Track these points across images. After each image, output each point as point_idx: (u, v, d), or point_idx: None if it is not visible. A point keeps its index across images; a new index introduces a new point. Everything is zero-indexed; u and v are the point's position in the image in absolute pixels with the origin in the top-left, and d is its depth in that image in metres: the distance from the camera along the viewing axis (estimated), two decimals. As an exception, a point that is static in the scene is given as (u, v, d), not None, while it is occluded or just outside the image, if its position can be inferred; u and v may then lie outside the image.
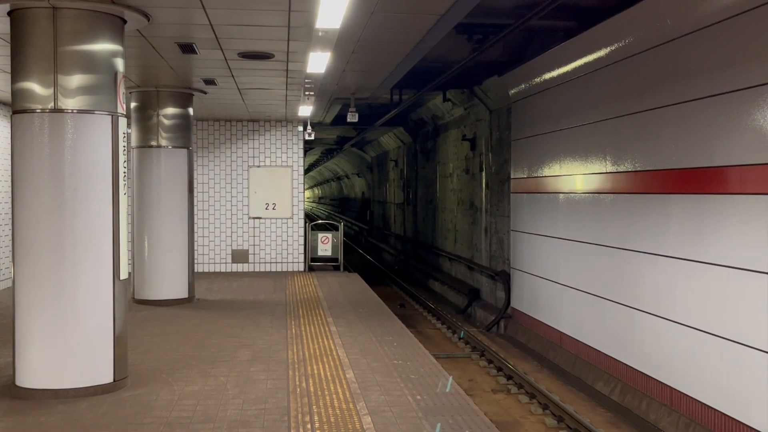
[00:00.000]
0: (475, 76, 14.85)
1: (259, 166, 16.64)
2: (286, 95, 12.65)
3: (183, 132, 11.88)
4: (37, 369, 6.60)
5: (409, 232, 25.63)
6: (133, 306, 11.33)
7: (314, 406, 6.36)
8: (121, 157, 6.83)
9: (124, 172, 6.91)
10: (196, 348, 8.65)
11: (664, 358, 8.80)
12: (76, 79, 6.58)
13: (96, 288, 6.69)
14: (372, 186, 36.29)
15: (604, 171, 10.38)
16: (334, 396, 6.67)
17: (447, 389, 6.94)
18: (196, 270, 14.07)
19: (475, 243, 17.07)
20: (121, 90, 6.90)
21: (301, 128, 16.81)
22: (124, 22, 7.03)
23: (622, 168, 9.87)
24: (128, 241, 7.59)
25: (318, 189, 72.77)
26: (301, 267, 16.69)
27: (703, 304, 8.02)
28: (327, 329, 9.76)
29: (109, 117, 6.75)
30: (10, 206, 6.90)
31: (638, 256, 9.40)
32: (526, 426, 9.10)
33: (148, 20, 7.24)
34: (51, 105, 6.52)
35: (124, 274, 6.92)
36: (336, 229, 17.63)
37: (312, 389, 6.89)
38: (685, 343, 8.36)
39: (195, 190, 14.17)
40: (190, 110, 12.10)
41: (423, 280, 22.15)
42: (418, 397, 6.64)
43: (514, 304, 14.12)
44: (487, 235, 16.04)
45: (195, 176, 14.62)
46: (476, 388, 10.71)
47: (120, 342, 6.89)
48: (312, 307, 11.59)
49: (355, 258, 28.54)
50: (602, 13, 10.00)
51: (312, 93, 12.40)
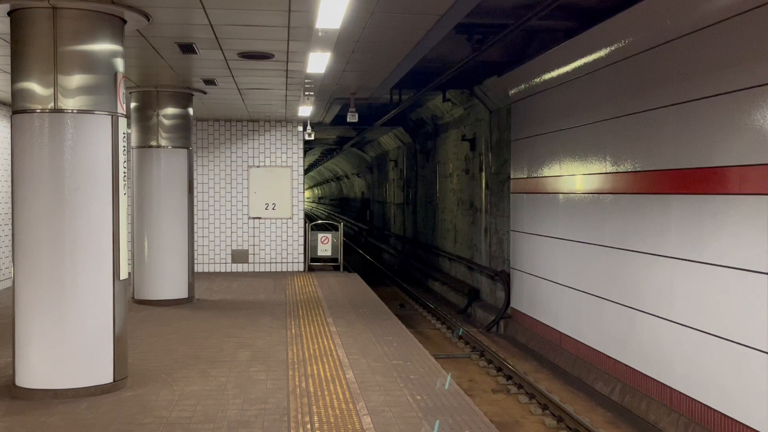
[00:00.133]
0: (475, 76, 14.85)
1: (258, 167, 16.64)
2: (286, 95, 12.66)
3: (183, 132, 11.88)
4: (37, 369, 6.60)
5: (409, 233, 25.63)
6: (133, 306, 11.33)
7: (314, 406, 6.36)
8: (121, 157, 6.83)
9: (124, 173, 6.91)
10: (196, 348, 8.66)
11: (663, 359, 8.80)
12: (76, 79, 6.58)
13: (96, 288, 6.70)
14: (372, 186, 36.29)
15: (604, 171, 10.39)
16: (334, 396, 6.67)
17: (446, 387, 6.95)
18: (195, 270, 14.07)
19: (475, 243, 17.08)
20: (121, 90, 6.90)
21: (300, 128, 16.82)
22: (124, 22, 7.03)
23: (621, 168, 9.88)
24: (128, 241, 7.59)
25: (318, 189, 72.78)
26: (301, 267, 16.70)
27: (703, 305, 8.03)
28: (327, 329, 9.76)
29: (109, 117, 6.75)
30: (10, 206, 6.91)
31: (638, 256, 9.40)
32: (525, 426, 9.10)
33: (148, 20, 7.25)
34: (51, 105, 6.53)
35: (124, 274, 6.92)
36: (336, 229, 17.63)
37: (312, 389, 6.89)
38: (684, 344, 8.36)
39: (195, 190, 14.18)
40: (190, 110, 12.11)
41: (423, 280, 22.15)
42: (418, 397, 6.64)
43: (513, 304, 14.13)
44: (487, 236, 16.04)
45: (195, 176, 14.64)
46: (476, 388, 10.71)
47: (120, 342, 6.90)
48: (312, 308, 11.60)
49: (354, 258, 28.54)
50: (602, 14, 10.00)
51: (312, 93, 12.40)
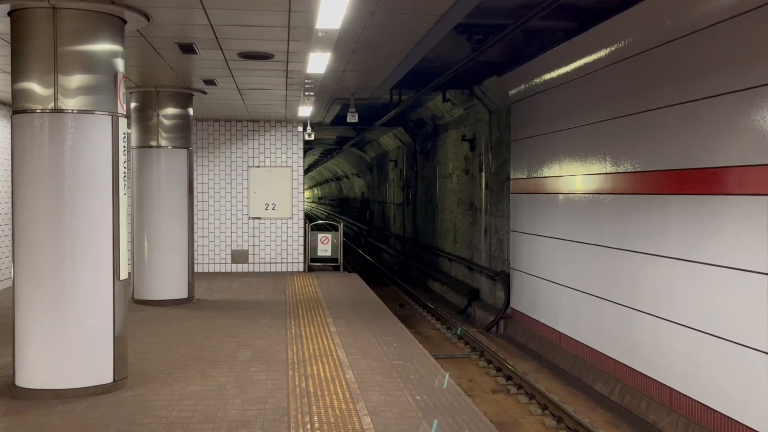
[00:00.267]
0: (475, 76, 14.85)
1: (258, 167, 16.64)
2: (286, 95, 12.66)
3: (183, 132, 11.88)
4: (37, 369, 6.60)
5: (409, 233, 25.63)
6: (133, 306, 11.34)
7: (314, 407, 6.36)
8: (121, 158, 6.84)
9: (124, 173, 6.91)
10: (195, 348, 8.66)
11: (663, 359, 8.81)
12: (76, 80, 6.59)
13: (96, 288, 6.70)
14: (371, 186, 36.29)
15: (604, 172, 10.39)
16: (334, 396, 6.67)
17: (444, 386, 6.95)
18: (195, 270, 14.07)
19: (475, 243, 17.08)
20: (121, 90, 6.91)
21: (300, 128, 16.82)
22: (124, 22, 7.04)
23: (621, 169, 9.88)
24: (128, 241, 7.59)
25: (318, 189, 72.77)
26: (301, 267, 16.70)
27: (703, 305, 8.03)
28: (327, 329, 9.77)
29: (109, 117, 6.76)
30: (10, 206, 6.92)
31: (637, 256, 9.40)
32: (525, 426, 9.11)
33: (148, 20, 7.25)
34: (51, 105, 6.53)
35: (124, 274, 6.92)
36: (336, 229, 17.63)
37: (312, 389, 6.89)
38: (684, 344, 8.36)
39: (195, 191, 14.18)
40: (190, 110, 12.11)
41: (422, 280, 22.15)
42: (418, 398, 6.64)
43: (513, 304, 14.13)
44: (487, 236, 16.04)
45: (195, 176, 14.65)
46: (476, 388, 10.72)
47: (120, 342, 6.90)
48: (312, 308, 11.60)
49: (354, 258, 28.54)
50: (602, 14, 10.01)
51: (312, 93, 12.40)
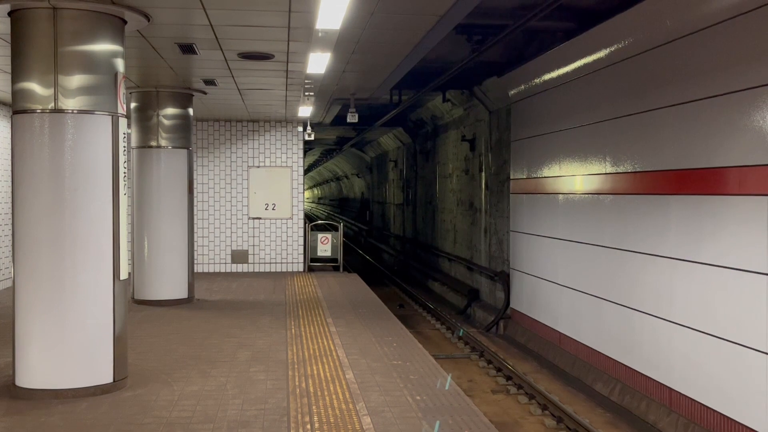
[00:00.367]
0: (475, 76, 14.86)
1: (258, 167, 16.64)
2: (286, 96, 12.66)
3: (183, 132, 11.88)
4: (37, 369, 6.60)
5: (409, 233, 25.64)
6: (133, 306, 11.34)
7: (314, 407, 6.36)
8: (122, 158, 6.84)
9: (125, 173, 6.91)
10: (195, 348, 8.66)
11: (663, 359, 8.81)
12: (76, 80, 6.59)
13: (96, 288, 6.70)
14: (371, 186, 36.29)
15: (604, 172, 10.40)
16: (334, 396, 6.67)
17: (446, 387, 6.95)
18: (195, 270, 14.06)
19: (475, 243, 17.08)
20: (122, 90, 6.91)
21: (300, 129, 16.82)
22: (125, 22, 7.04)
23: (621, 169, 9.89)
24: (128, 241, 7.59)
25: (317, 189, 72.77)
26: (301, 267, 16.70)
27: (702, 305, 8.03)
28: (326, 329, 9.77)
29: (110, 117, 6.76)
30: (10, 206, 6.92)
31: (637, 256, 9.41)
32: (525, 426, 9.11)
33: (148, 21, 7.25)
34: (51, 105, 6.53)
35: (124, 275, 6.92)
36: (336, 229, 17.63)
37: (312, 389, 6.90)
38: (684, 344, 8.37)
39: (195, 191, 14.17)
40: (190, 110, 12.11)
41: (422, 280, 22.15)
42: (418, 398, 6.64)
43: (513, 304, 14.13)
44: (487, 236, 16.05)
45: (195, 176, 14.64)
46: (476, 388, 10.72)
47: (120, 342, 6.90)
48: (312, 308, 11.60)
49: (354, 258, 28.54)
50: (602, 15, 10.01)
51: (312, 93, 12.40)
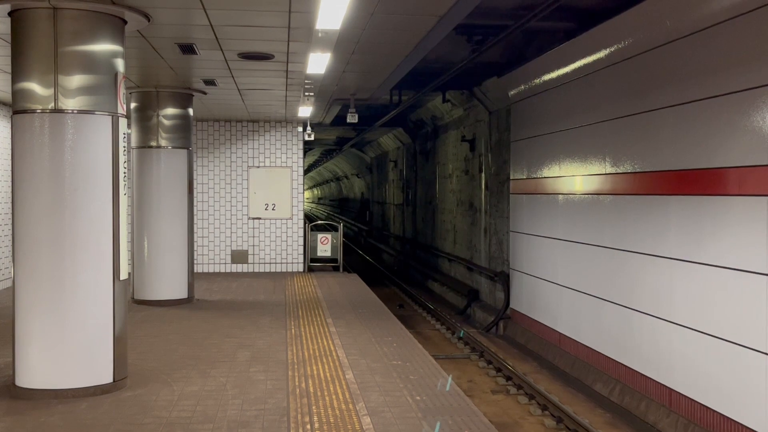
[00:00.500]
0: (475, 77, 14.86)
1: (258, 167, 16.64)
2: (286, 96, 12.66)
3: (183, 132, 11.89)
4: (37, 369, 6.60)
5: (409, 233, 25.64)
6: (133, 306, 11.34)
7: (314, 407, 6.36)
8: (122, 158, 6.84)
9: (125, 173, 6.91)
10: (195, 348, 8.66)
11: (663, 359, 8.81)
12: (76, 80, 6.59)
13: (96, 288, 6.70)
14: (371, 187, 36.29)
15: (603, 172, 10.40)
16: (334, 396, 6.67)
17: (447, 389, 6.96)
18: (195, 270, 14.06)
19: (475, 244, 17.08)
20: (122, 90, 6.91)
21: (300, 129, 16.82)
22: (125, 22, 7.04)
23: (621, 169, 9.89)
24: (128, 241, 7.59)
25: (317, 190, 72.76)
26: (301, 267, 16.70)
27: (702, 306, 8.04)
28: (326, 330, 9.77)
29: (110, 117, 6.76)
30: (10, 206, 6.92)
31: (637, 257, 9.41)
32: (525, 427, 9.11)
33: (149, 21, 7.25)
34: (51, 105, 6.53)
35: (123, 275, 6.92)
36: (335, 229, 17.63)
37: (311, 390, 6.90)
38: (683, 345, 8.37)
39: (195, 191, 14.18)
40: (190, 111, 12.11)
41: (422, 280, 22.16)
42: (418, 398, 6.64)
43: (513, 305, 14.13)
44: (487, 236, 16.05)
45: (195, 177, 14.64)
46: (475, 388, 10.72)
47: (120, 342, 6.90)
48: (311, 308, 11.60)
49: (354, 259, 28.54)
50: (602, 15, 10.01)
51: (312, 94, 12.40)
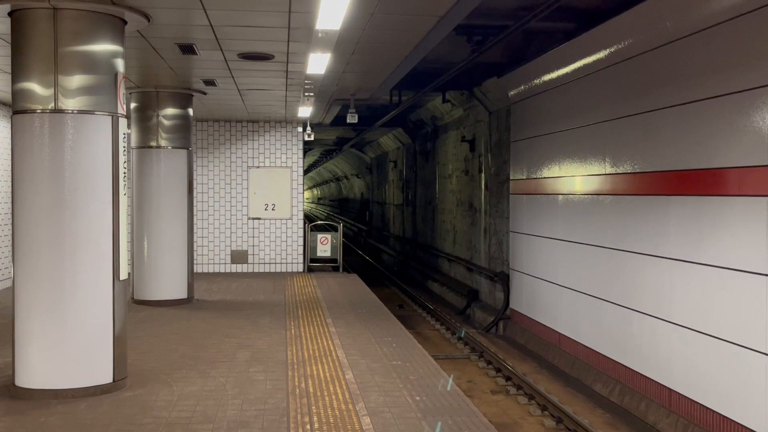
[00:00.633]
0: (475, 77, 14.86)
1: (258, 167, 16.64)
2: (286, 96, 12.66)
3: (183, 132, 11.89)
4: (37, 369, 6.60)
5: (408, 233, 25.64)
6: (133, 306, 11.34)
7: (313, 407, 6.36)
8: (121, 158, 6.84)
9: (124, 173, 6.92)
10: (195, 348, 8.66)
11: (662, 360, 8.81)
12: (76, 80, 6.59)
13: (96, 288, 6.70)
14: (371, 187, 36.30)
15: (603, 173, 10.40)
16: (334, 397, 6.68)
17: (448, 389, 6.96)
18: (195, 270, 14.06)
19: (474, 244, 17.08)
20: (122, 90, 6.91)
21: (300, 129, 16.82)
22: (125, 22, 7.04)
23: (621, 169, 9.89)
24: (128, 242, 7.59)
25: (317, 190, 72.76)
26: (301, 268, 16.69)
27: (702, 306, 8.04)
28: (326, 330, 9.77)
29: (110, 117, 6.76)
30: (10, 206, 6.91)
31: (637, 257, 9.41)
32: (525, 427, 9.11)
33: (149, 21, 7.25)
34: (51, 105, 6.53)
35: (123, 275, 6.92)
36: (335, 229, 17.63)
37: (311, 390, 6.90)
38: (683, 345, 8.37)
39: (194, 191, 14.17)
40: (190, 111, 12.11)
41: (422, 281, 22.16)
42: (418, 398, 6.64)
43: (512, 305, 14.13)
44: (486, 237, 16.05)
45: (195, 177, 14.64)
46: (475, 389, 10.72)
47: (119, 342, 6.90)
48: (311, 308, 11.60)
49: (354, 259, 28.54)
50: (602, 15, 10.01)
51: (311, 94, 12.41)
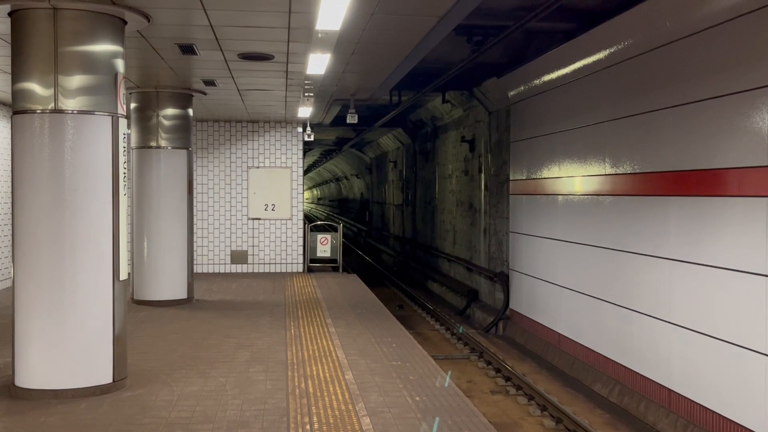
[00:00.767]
0: (475, 77, 14.86)
1: (258, 167, 16.64)
2: (286, 96, 12.66)
3: (183, 133, 11.89)
4: (37, 369, 6.60)
5: (408, 234, 25.64)
6: (132, 306, 11.34)
7: (313, 407, 6.37)
8: (121, 158, 6.84)
9: (124, 173, 6.92)
10: (195, 348, 8.66)
11: (662, 360, 8.82)
12: (76, 80, 6.59)
13: (95, 288, 6.70)
14: (371, 187, 36.30)
15: (603, 173, 10.40)
16: (333, 397, 6.68)
17: (446, 385, 6.97)
18: (195, 271, 14.06)
19: (474, 244, 17.08)
20: (122, 91, 6.91)
21: (300, 129, 16.82)
22: (125, 23, 7.04)
23: (620, 170, 9.89)
24: (128, 242, 7.59)
25: (317, 190, 72.76)
26: (300, 268, 16.69)
27: (701, 306, 8.04)
28: (326, 330, 9.77)
29: (110, 118, 6.76)
30: (10, 206, 6.91)
31: (637, 257, 9.41)
32: (524, 427, 9.11)
33: (149, 21, 7.26)
34: (51, 105, 6.53)
35: (123, 275, 6.92)
36: (335, 230, 17.63)
37: (311, 390, 6.90)
38: (683, 345, 8.37)
39: (194, 191, 14.17)
40: (190, 111, 12.11)
41: (422, 281, 22.16)
42: (417, 398, 6.65)
43: (512, 305, 14.14)
44: (486, 237, 16.05)
45: (194, 177, 14.64)
46: (475, 389, 10.72)
47: (119, 342, 6.90)
48: (311, 308, 11.60)
49: (354, 259, 28.54)
50: (602, 16, 10.02)
51: (311, 94, 12.41)
